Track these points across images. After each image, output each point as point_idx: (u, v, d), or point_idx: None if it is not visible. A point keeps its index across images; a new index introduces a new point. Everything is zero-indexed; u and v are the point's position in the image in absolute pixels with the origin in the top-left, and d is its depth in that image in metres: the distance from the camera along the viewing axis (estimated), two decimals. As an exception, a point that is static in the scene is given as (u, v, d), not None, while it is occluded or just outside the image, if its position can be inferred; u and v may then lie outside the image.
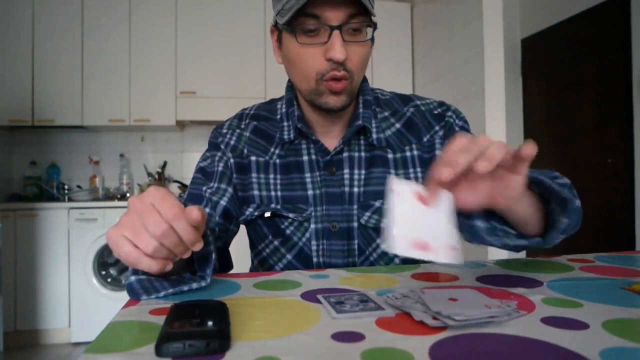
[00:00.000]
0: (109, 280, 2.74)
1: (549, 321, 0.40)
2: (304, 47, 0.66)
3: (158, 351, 0.33)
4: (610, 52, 2.02)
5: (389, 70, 3.19)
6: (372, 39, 0.70)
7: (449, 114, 0.80)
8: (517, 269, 0.62)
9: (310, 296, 0.49)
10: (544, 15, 2.36)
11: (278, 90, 0.72)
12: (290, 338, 0.37)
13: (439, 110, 0.80)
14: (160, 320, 0.40)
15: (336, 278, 0.58)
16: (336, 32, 0.64)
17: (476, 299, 0.44)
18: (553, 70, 2.34)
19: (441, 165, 0.42)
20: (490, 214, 0.55)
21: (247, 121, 0.83)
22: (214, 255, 0.55)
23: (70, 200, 3.01)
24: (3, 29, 2.91)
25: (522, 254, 1.47)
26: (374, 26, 0.68)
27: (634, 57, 1.90)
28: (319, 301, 0.47)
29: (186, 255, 0.49)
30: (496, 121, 2.34)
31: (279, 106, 0.83)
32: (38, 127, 3.01)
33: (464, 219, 0.57)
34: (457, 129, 0.78)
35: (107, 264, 2.74)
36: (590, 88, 2.13)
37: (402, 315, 0.42)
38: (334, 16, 0.63)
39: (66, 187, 3.17)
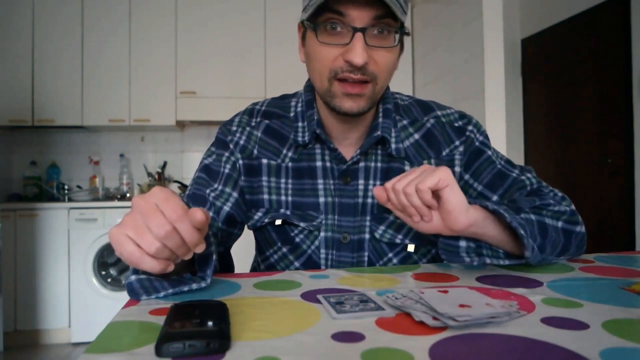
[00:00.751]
0: (109, 280, 2.74)
1: (549, 321, 0.40)
2: (324, 45, 0.63)
3: (158, 351, 0.33)
4: (610, 53, 2.03)
5: (389, 70, 3.18)
6: (402, 46, 0.66)
7: (470, 128, 0.77)
8: (517, 269, 0.62)
9: (310, 296, 0.49)
10: (544, 15, 2.36)
11: (278, 90, 0.71)
12: (290, 338, 0.37)
13: (460, 123, 0.77)
14: (160, 320, 0.40)
15: (336, 278, 0.58)
16: (359, 35, 0.60)
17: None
18: (553, 70, 2.34)
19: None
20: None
21: (258, 119, 0.78)
22: (214, 256, 0.55)
23: (70, 200, 3.01)
24: (3, 29, 2.91)
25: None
26: (403, 31, 0.64)
27: (634, 57, 1.90)
28: (319, 301, 0.47)
29: (188, 257, 0.49)
30: (496, 121, 2.34)
31: (293, 103, 0.79)
32: (38, 127, 3.01)
33: (447, 240, 0.62)
34: (477, 144, 0.76)
35: (107, 264, 2.74)
36: (590, 88, 2.13)
37: (402, 315, 0.42)
38: (359, 17, 0.60)
39: (66, 187, 3.17)
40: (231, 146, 0.77)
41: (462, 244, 0.60)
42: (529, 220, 0.62)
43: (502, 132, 2.35)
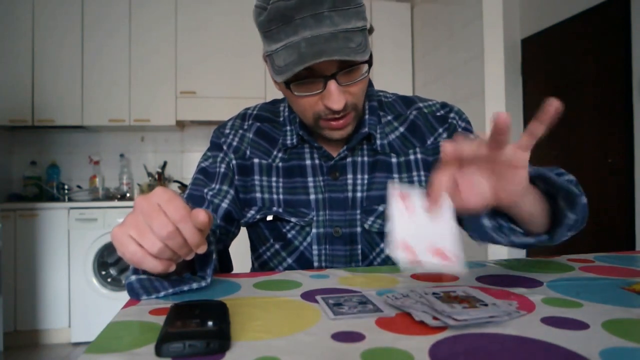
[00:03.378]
0: (109, 280, 2.74)
1: (549, 321, 0.40)
2: (301, 97, 0.66)
3: (158, 351, 0.33)
4: (610, 52, 2.02)
5: (389, 70, 3.19)
6: (371, 61, 0.66)
7: (452, 115, 0.79)
8: (517, 269, 0.62)
9: (310, 296, 0.49)
10: (544, 15, 2.36)
11: (278, 90, 0.72)
12: (290, 338, 0.37)
13: (442, 112, 0.80)
14: (160, 320, 0.40)
15: (336, 278, 0.58)
16: (331, 82, 0.62)
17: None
18: (553, 70, 2.34)
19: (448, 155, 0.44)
20: (497, 212, 0.54)
21: (250, 122, 0.82)
22: (214, 255, 0.55)
23: (70, 200, 3.01)
24: (3, 29, 2.91)
25: (522, 254, 1.47)
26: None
27: (634, 57, 1.90)
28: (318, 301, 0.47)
29: (190, 257, 0.49)
30: (496, 121, 2.34)
31: (281, 108, 0.83)
32: (38, 127, 3.01)
33: (472, 218, 0.56)
34: (459, 130, 0.78)
35: (107, 264, 2.74)
36: (590, 88, 2.13)
37: (402, 315, 0.42)
38: (326, 67, 0.61)
39: (66, 187, 3.16)
40: (224, 147, 0.80)
41: (487, 222, 0.53)
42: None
43: (502, 132, 2.34)
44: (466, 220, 0.60)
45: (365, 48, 0.62)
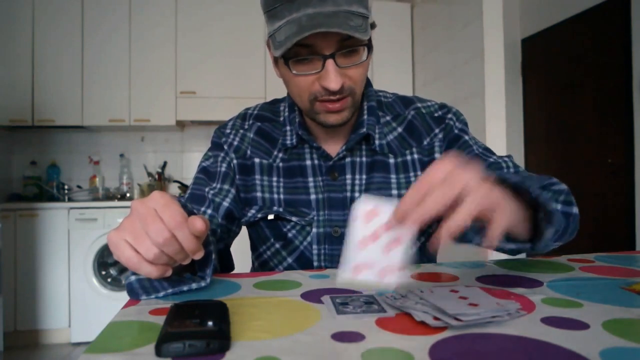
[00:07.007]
0: (109, 280, 2.74)
1: (549, 321, 0.40)
2: (299, 76, 0.66)
3: (158, 351, 0.33)
4: (610, 52, 2.02)
5: (389, 70, 3.19)
6: (371, 46, 0.67)
7: (450, 116, 0.79)
8: (517, 269, 0.62)
9: (310, 296, 0.49)
10: (544, 16, 2.36)
11: (278, 90, 0.72)
12: (290, 338, 0.37)
13: (440, 112, 0.80)
14: (160, 320, 0.40)
15: (336, 278, 0.58)
16: (329, 61, 0.62)
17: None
18: (553, 70, 2.34)
19: (408, 206, 0.40)
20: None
21: (250, 122, 0.82)
22: (214, 256, 0.55)
23: (70, 200, 3.01)
24: (3, 29, 2.91)
25: (522, 254, 1.47)
26: (370, 44, 0.66)
27: (634, 57, 1.90)
28: (319, 301, 0.47)
29: (186, 262, 0.49)
30: (496, 121, 2.34)
31: (281, 108, 0.83)
32: (38, 127, 3.01)
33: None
34: (456, 131, 0.78)
35: (107, 264, 2.74)
36: (590, 88, 2.13)
37: (402, 315, 0.42)
38: (325, 45, 0.62)
39: (66, 187, 3.16)
40: (225, 147, 0.80)
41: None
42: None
43: (502, 132, 2.35)
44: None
45: (366, 30, 0.63)
